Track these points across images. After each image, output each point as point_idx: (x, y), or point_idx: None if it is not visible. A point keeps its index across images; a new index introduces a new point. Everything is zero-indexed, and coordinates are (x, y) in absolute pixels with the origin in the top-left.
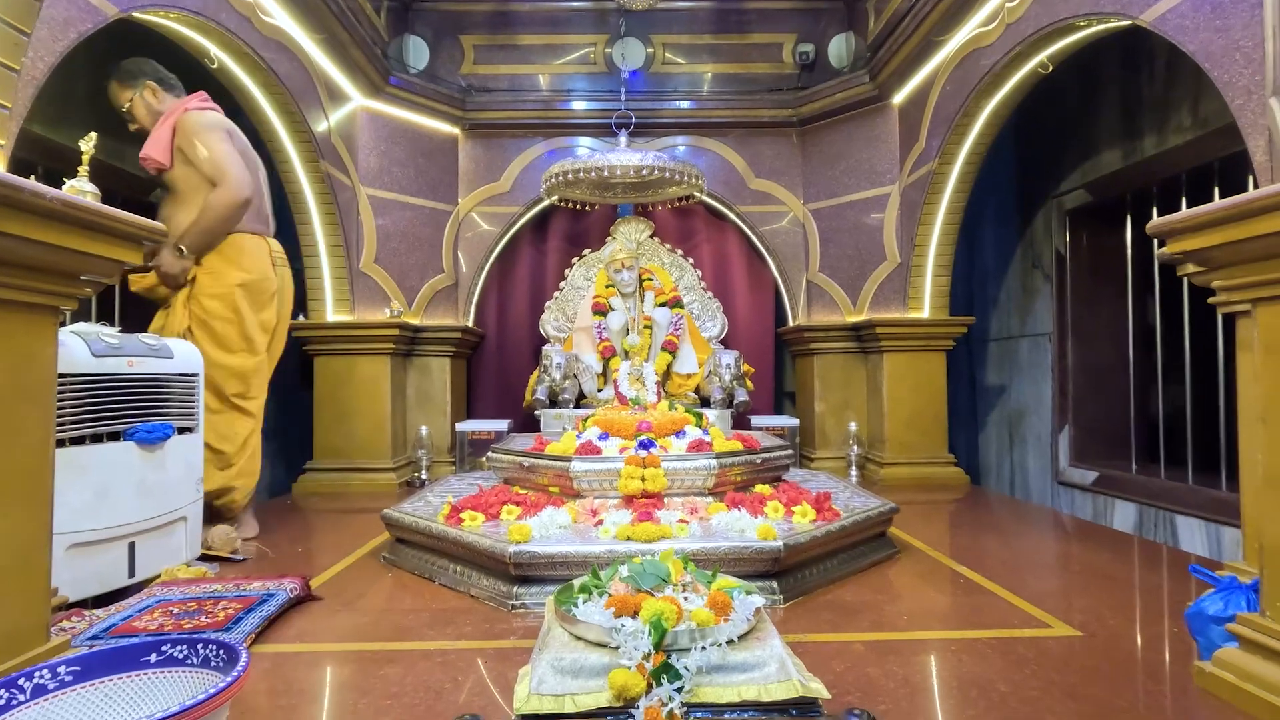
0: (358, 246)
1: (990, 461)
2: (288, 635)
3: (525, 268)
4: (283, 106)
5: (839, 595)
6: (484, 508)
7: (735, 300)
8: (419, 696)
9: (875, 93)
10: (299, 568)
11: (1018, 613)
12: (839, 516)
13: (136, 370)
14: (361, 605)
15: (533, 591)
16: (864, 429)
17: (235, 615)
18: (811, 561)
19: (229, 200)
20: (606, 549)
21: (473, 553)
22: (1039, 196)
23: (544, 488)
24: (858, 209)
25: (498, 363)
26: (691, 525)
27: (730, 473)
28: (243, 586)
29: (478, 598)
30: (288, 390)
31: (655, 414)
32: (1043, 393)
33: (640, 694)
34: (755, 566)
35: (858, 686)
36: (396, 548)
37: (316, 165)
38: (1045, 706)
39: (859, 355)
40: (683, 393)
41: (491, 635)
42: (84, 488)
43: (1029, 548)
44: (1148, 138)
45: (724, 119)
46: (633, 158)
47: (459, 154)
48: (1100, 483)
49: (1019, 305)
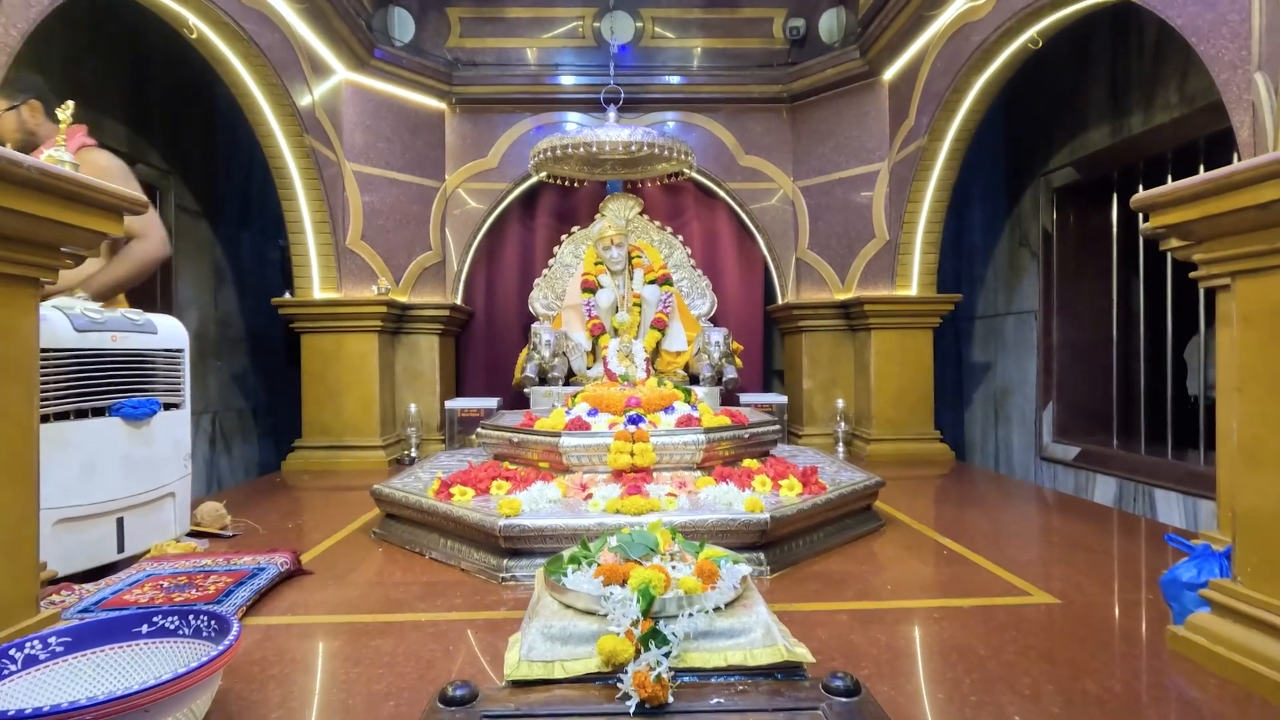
0: (344, 223)
1: (975, 438)
2: (279, 608)
3: (514, 245)
4: (264, 79)
5: (825, 566)
6: (474, 483)
7: (724, 278)
8: (410, 666)
9: (866, 69)
10: (289, 543)
11: (999, 582)
12: (825, 490)
13: (120, 345)
14: (352, 579)
15: (522, 564)
16: (851, 406)
17: (226, 589)
18: (798, 534)
19: (154, 256)
20: (596, 522)
21: (463, 527)
22: (1027, 174)
23: (534, 463)
24: (847, 186)
25: (487, 341)
26: (680, 499)
27: (718, 447)
28: (233, 561)
29: (468, 571)
30: (277, 369)
31: (644, 390)
32: (1027, 370)
33: (629, 659)
34: (743, 539)
35: (842, 652)
36: (387, 523)
37: (301, 140)
38: (1022, 668)
39: (847, 333)
40: (672, 370)
41: (482, 607)
42: (70, 463)
43: (1011, 520)
44: (1135, 115)
45: (714, 95)
46: (622, 133)
47: (446, 129)
48: (1082, 458)
49: (1006, 283)
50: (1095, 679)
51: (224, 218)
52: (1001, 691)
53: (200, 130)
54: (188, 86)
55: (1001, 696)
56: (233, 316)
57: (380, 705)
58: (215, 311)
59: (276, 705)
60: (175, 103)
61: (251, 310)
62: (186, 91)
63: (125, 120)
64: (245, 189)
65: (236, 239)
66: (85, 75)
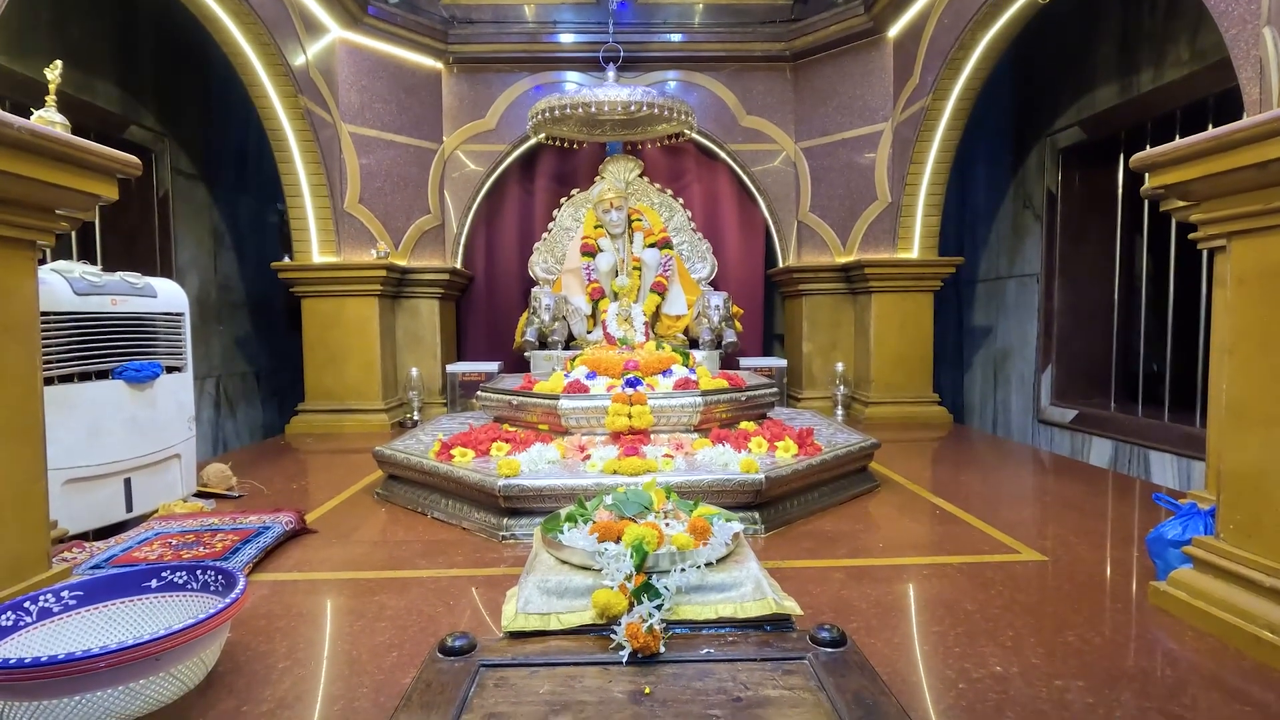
0: (341, 186)
1: (974, 401)
2: (285, 565)
3: (513, 208)
4: (256, 37)
5: (819, 526)
6: (474, 444)
7: (725, 241)
8: (412, 619)
9: (870, 25)
10: (294, 504)
11: (989, 540)
12: (820, 451)
13: (120, 309)
14: (356, 537)
15: (522, 523)
16: (850, 369)
17: (233, 546)
18: (793, 494)
19: None
20: (594, 482)
21: (463, 487)
22: (1033, 135)
23: (533, 425)
24: (850, 147)
25: (487, 305)
26: (677, 460)
27: (715, 410)
28: (239, 520)
29: (469, 530)
30: (279, 333)
31: (642, 353)
32: (1028, 333)
33: (622, 612)
34: (738, 498)
35: (833, 608)
36: (389, 484)
37: (295, 100)
38: (1006, 622)
39: (848, 296)
40: (671, 334)
41: (482, 564)
42: (76, 425)
43: (1006, 481)
44: (1144, 72)
45: (715, 53)
46: (621, 93)
47: (443, 90)
48: (1079, 420)
49: (1008, 246)
50: (1076, 632)
51: (221, 180)
52: (985, 644)
53: (195, 91)
54: (181, 46)
55: (984, 648)
56: (233, 280)
57: (383, 656)
58: (215, 276)
59: (283, 656)
60: (168, 63)
61: (252, 274)
62: (180, 51)
63: (117, 81)
64: (242, 151)
65: (234, 202)
66: (74, 34)
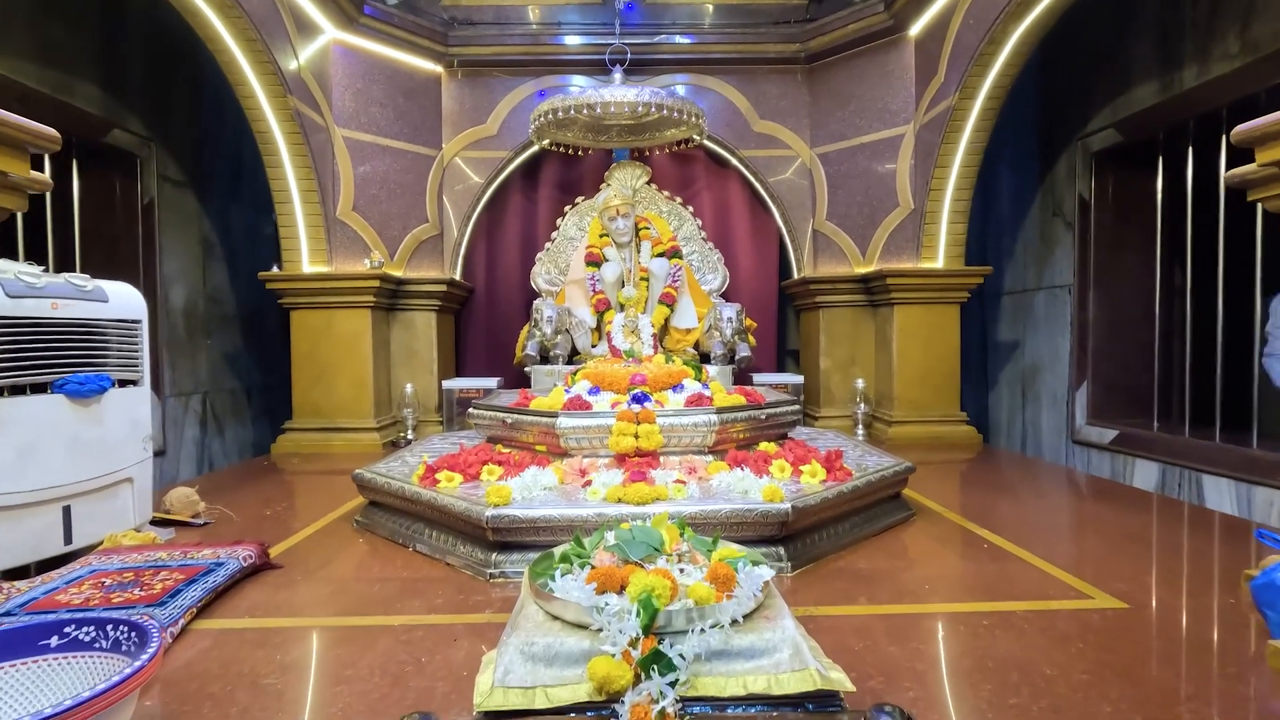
0: (334, 192)
1: (1000, 420)
2: (238, 608)
3: (515, 217)
4: (241, 33)
5: (852, 562)
6: (462, 468)
7: (737, 251)
8: (373, 682)
9: (890, 23)
10: (264, 533)
11: (1052, 581)
12: (851, 476)
13: (63, 314)
14: (325, 574)
15: (513, 559)
16: (871, 386)
17: (174, 588)
18: (822, 525)
19: None
20: (595, 512)
21: (448, 516)
22: (1062, 138)
23: (529, 446)
24: (869, 152)
25: (488, 318)
26: (689, 486)
27: (732, 429)
28: (190, 555)
29: (454, 566)
30: (273, 347)
31: (650, 367)
32: (1059, 348)
33: (625, 687)
34: (760, 531)
35: (882, 671)
36: (370, 511)
37: (284, 101)
38: (1099, 693)
39: (868, 309)
40: (681, 348)
41: (465, 608)
42: (4, 444)
43: (1052, 509)
44: (1188, 68)
45: (726, 54)
46: (628, 93)
47: (442, 94)
48: (1120, 441)
49: (1036, 256)
50: (1189, 708)
51: (213, 189)
52: None
53: (185, 94)
54: (172, 47)
55: None
56: (223, 293)
57: None
58: (204, 287)
59: None
60: (157, 63)
61: (245, 287)
62: (170, 53)
63: (99, 82)
64: (236, 158)
65: (226, 211)
66: (53, 32)
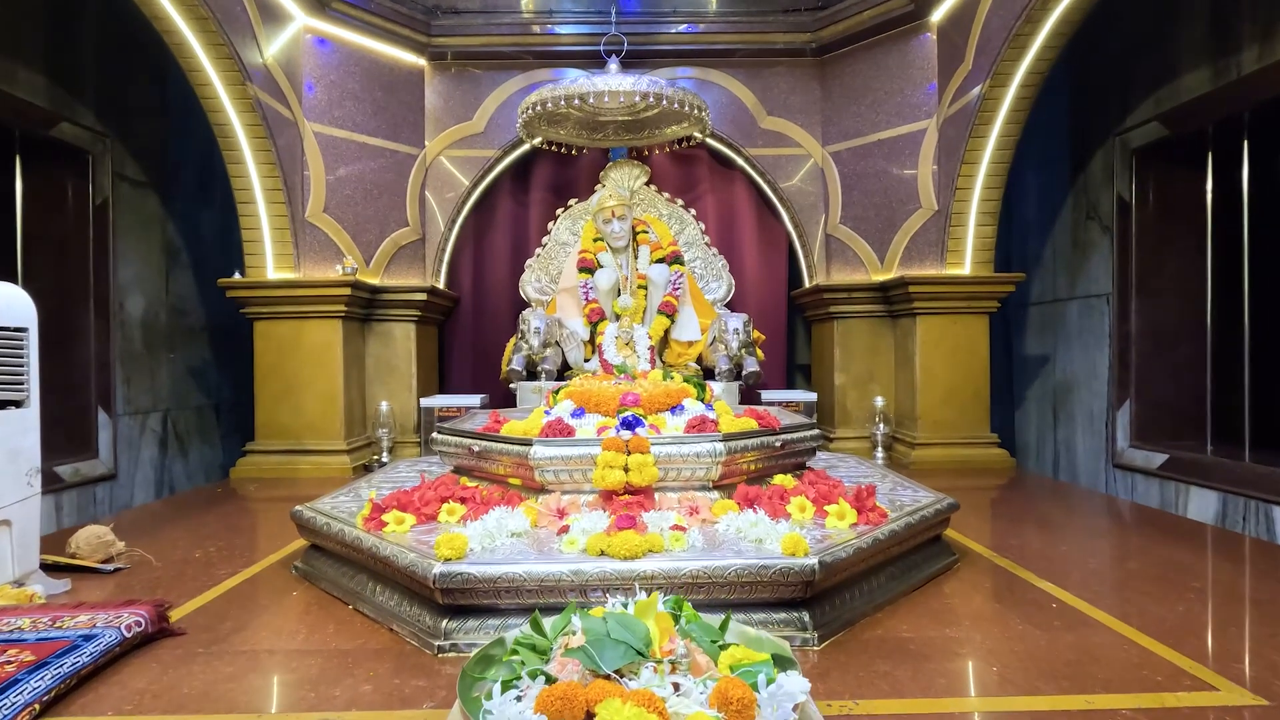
0: (303, 192)
1: (1029, 441)
2: (105, 699)
3: (504, 221)
4: (192, 13)
5: (892, 628)
6: (416, 506)
7: (743, 257)
8: None
9: (910, 8)
10: (185, 580)
11: (1154, 661)
12: (886, 518)
13: None
14: (235, 643)
15: (469, 626)
16: (892, 404)
17: (13, 675)
18: (853, 581)
19: None
20: (571, 569)
21: (392, 570)
22: (1098, 134)
23: (502, 479)
24: (887, 149)
25: (474, 330)
26: (690, 533)
27: (741, 460)
28: (60, 622)
29: (398, 634)
30: (244, 360)
31: (645, 384)
32: (1096, 363)
33: None
34: (779, 592)
35: None
36: (312, 557)
37: (244, 90)
38: None
39: (886, 319)
40: (683, 363)
41: (397, 699)
42: None
43: (1118, 551)
44: (1247, 50)
45: (731, 45)
46: (624, 82)
47: (425, 89)
48: (1170, 466)
49: (1068, 263)
50: None
51: (179, 189)
52: None
53: (146, 84)
54: (131, 35)
55: None
56: (190, 302)
57: None
58: (166, 296)
59: None
60: (114, 53)
61: (215, 297)
62: (129, 41)
63: (46, 70)
64: (207, 156)
65: (194, 215)
66: None
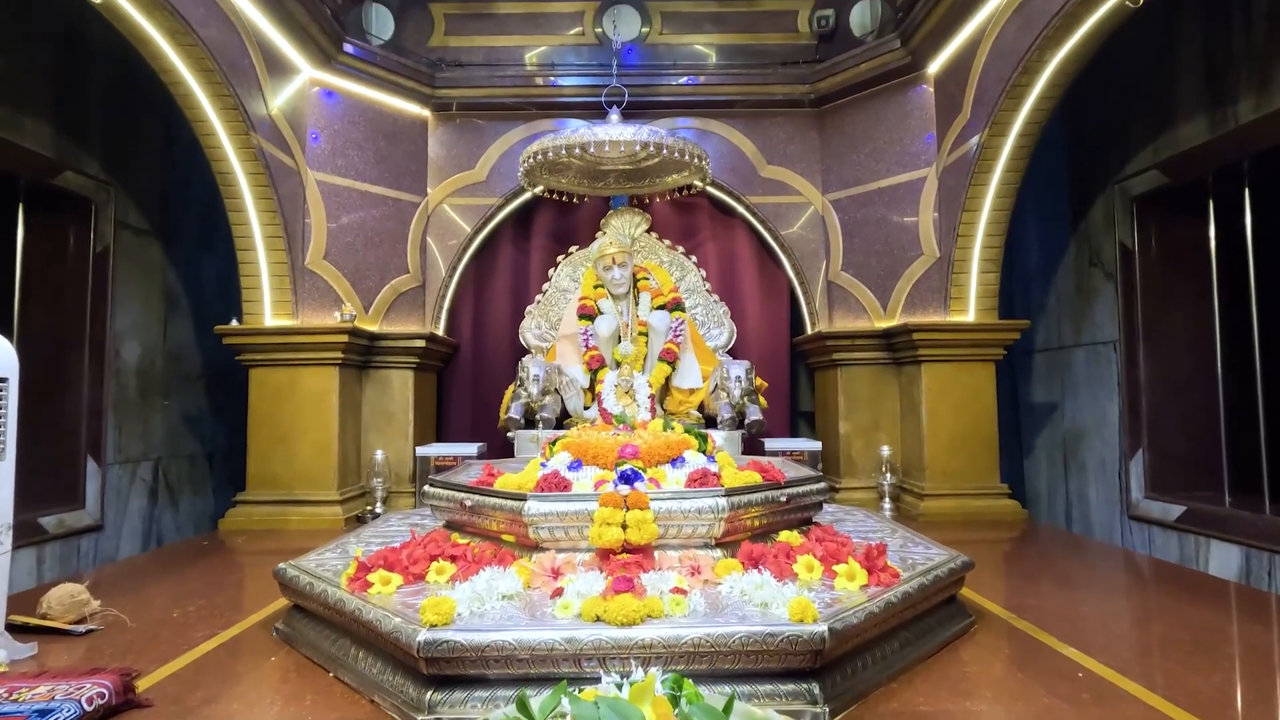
0: (303, 239)
1: (1040, 491)
2: None
3: (505, 269)
4: (198, 64)
5: (908, 701)
6: (406, 564)
7: (744, 304)
8: None
9: (907, 60)
10: (161, 642)
11: None
12: (898, 578)
13: None
14: (204, 715)
15: (455, 699)
16: (898, 454)
17: None
18: (866, 648)
19: None
20: (565, 636)
21: (375, 635)
22: (1097, 181)
23: (496, 535)
24: (887, 197)
25: (474, 378)
26: (691, 595)
27: (745, 516)
28: (16, 694)
29: (379, 705)
30: (240, 408)
31: (645, 435)
32: (1106, 411)
33: None
34: (786, 662)
35: None
36: (294, 618)
37: (247, 139)
38: None
39: (891, 367)
40: (684, 411)
41: None
42: None
43: (1144, 613)
44: (1244, 100)
45: (731, 97)
46: (625, 132)
47: (428, 138)
48: (1188, 519)
49: (1073, 310)
50: None
51: (180, 237)
52: None
53: (153, 137)
54: (138, 85)
55: None
56: (187, 350)
57: None
58: (164, 344)
59: None
60: (120, 103)
61: (212, 344)
62: (136, 91)
63: (52, 120)
64: (210, 205)
65: (195, 262)
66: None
